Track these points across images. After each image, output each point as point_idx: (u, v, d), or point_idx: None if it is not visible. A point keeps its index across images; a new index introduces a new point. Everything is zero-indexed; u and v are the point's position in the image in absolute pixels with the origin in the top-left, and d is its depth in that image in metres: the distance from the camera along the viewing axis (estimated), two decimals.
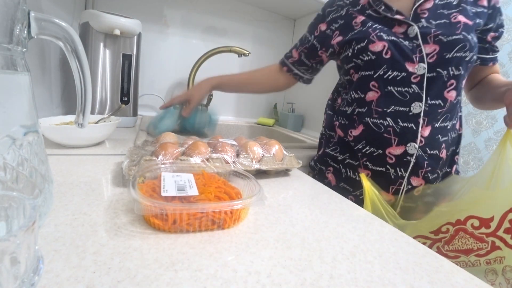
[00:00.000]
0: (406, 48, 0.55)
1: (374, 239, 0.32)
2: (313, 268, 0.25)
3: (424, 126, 0.55)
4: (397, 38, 0.56)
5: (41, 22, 0.25)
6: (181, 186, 0.32)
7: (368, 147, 0.59)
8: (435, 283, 0.26)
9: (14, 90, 0.23)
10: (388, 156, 0.57)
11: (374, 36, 0.56)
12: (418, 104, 0.54)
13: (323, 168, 0.69)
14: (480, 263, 0.46)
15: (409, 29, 0.56)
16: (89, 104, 0.32)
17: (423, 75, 0.54)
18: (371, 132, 0.58)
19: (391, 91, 0.56)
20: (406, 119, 0.55)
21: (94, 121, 0.62)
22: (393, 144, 0.56)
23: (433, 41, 0.54)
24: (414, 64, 0.54)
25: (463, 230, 0.47)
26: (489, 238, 0.45)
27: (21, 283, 0.16)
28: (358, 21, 0.61)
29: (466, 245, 0.47)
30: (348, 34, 0.62)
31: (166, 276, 0.22)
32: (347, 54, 0.62)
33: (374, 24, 0.58)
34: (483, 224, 0.46)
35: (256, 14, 1.25)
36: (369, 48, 0.57)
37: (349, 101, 0.63)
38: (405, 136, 0.55)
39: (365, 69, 0.59)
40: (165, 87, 1.15)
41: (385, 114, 0.56)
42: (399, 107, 0.56)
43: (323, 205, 0.40)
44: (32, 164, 0.24)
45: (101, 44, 0.76)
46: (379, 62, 0.56)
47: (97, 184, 0.38)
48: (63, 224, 0.27)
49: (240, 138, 0.53)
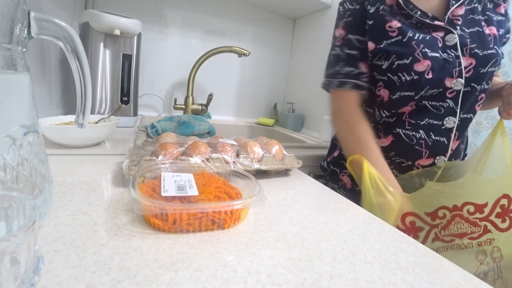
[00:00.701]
0: (446, 62, 0.51)
1: (374, 239, 0.32)
2: (313, 268, 0.25)
3: (455, 140, 0.55)
4: (437, 51, 0.51)
5: (41, 22, 0.25)
6: (181, 186, 0.32)
7: (398, 158, 0.57)
8: (435, 283, 0.26)
9: (14, 90, 0.23)
10: (416, 167, 0.56)
11: (419, 53, 0.51)
12: (452, 119, 0.53)
13: (336, 170, 0.66)
14: (472, 245, 0.49)
15: (447, 37, 0.52)
16: (89, 104, 0.32)
17: (459, 90, 0.52)
18: (402, 144, 0.56)
19: (425, 105, 0.54)
20: (438, 133, 0.54)
21: (94, 121, 0.62)
22: (423, 157, 0.55)
23: (469, 54, 0.51)
24: (452, 78, 0.52)
25: (459, 215, 0.49)
26: (482, 222, 0.48)
27: (21, 283, 0.16)
28: (393, 26, 0.53)
29: (461, 229, 0.49)
30: (383, 41, 0.54)
31: (166, 276, 0.22)
32: (380, 64, 0.55)
33: (414, 33, 0.52)
34: (477, 210, 0.48)
35: (256, 14, 1.25)
36: (413, 67, 0.51)
37: (376, 118, 0.59)
38: (436, 149, 0.54)
39: (405, 90, 0.53)
40: (165, 87, 1.15)
41: (418, 126, 0.54)
42: (433, 121, 0.54)
43: (323, 205, 0.40)
44: (32, 164, 0.24)
45: (101, 44, 0.76)
46: (421, 82, 0.52)
47: (97, 184, 0.38)
48: (63, 224, 0.27)
49: (240, 138, 0.53)
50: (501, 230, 0.47)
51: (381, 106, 0.58)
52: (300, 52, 1.31)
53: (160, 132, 0.70)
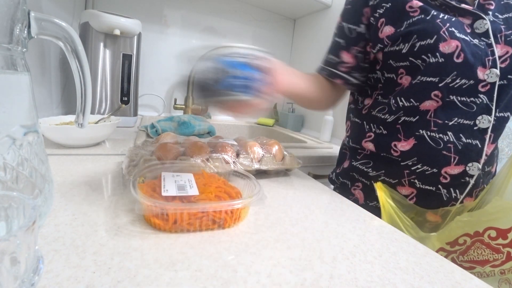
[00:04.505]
0: (478, 48, 0.44)
1: (374, 239, 0.32)
2: (313, 268, 0.25)
3: (490, 144, 0.46)
4: (467, 35, 0.45)
5: (41, 22, 0.25)
6: (182, 186, 0.32)
7: (420, 165, 0.48)
8: (435, 283, 0.26)
9: (14, 90, 0.23)
10: (442, 176, 0.47)
11: (445, 31, 0.44)
12: (487, 117, 0.45)
13: (347, 183, 0.59)
14: (495, 273, 0.45)
15: (477, 23, 0.45)
16: (89, 104, 0.32)
17: (494, 83, 0.44)
18: (426, 148, 0.48)
19: (453, 101, 0.46)
20: (470, 135, 0.46)
21: (94, 121, 0.62)
22: (452, 163, 0.46)
23: (505, 41, 0.44)
24: (485, 69, 0.44)
25: (479, 241, 0.45)
26: (505, 249, 0.44)
27: (21, 283, 0.16)
28: (414, 6, 0.47)
29: (482, 256, 0.45)
30: (403, 23, 0.48)
31: (166, 276, 0.22)
32: (399, 49, 0.48)
33: (438, 13, 0.45)
34: (500, 235, 0.44)
35: (256, 14, 1.25)
36: (438, 47, 0.44)
37: (392, 109, 0.50)
38: (467, 154, 0.46)
39: (428, 74, 0.46)
40: (165, 87, 1.15)
41: (446, 127, 0.46)
42: (463, 120, 0.46)
43: (323, 205, 0.40)
44: (32, 164, 0.24)
45: (101, 44, 0.76)
46: (447, 67, 0.45)
47: (97, 184, 0.38)
48: (63, 224, 0.27)
49: (240, 138, 0.53)
50: None
51: (399, 93, 0.50)
52: (300, 52, 1.31)
53: (160, 132, 0.70)
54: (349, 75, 0.56)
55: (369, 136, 0.54)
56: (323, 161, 0.80)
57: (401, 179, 0.51)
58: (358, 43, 0.55)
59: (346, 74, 0.56)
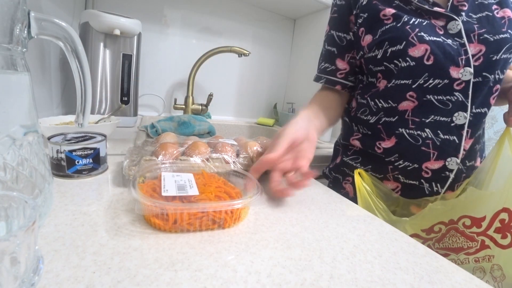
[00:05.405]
0: (451, 48, 0.46)
1: (374, 239, 0.32)
2: (313, 268, 0.25)
3: (468, 139, 0.48)
4: (439, 36, 0.47)
5: (41, 22, 0.25)
6: (182, 186, 0.32)
7: (402, 161, 0.51)
8: (435, 283, 0.26)
9: (14, 90, 0.23)
10: (424, 171, 0.50)
11: (414, 37, 0.47)
12: (463, 114, 0.47)
13: (339, 177, 0.62)
14: (469, 261, 0.46)
15: (450, 24, 0.47)
16: (89, 104, 0.32)
17: (468, 81, 0.46)
18: (406, 145, 0.50)
19: (430, 99, 0.48)
20: (447, 131, 0.48)
21: (94, 121, 0.62)
22: (431, 158, 0.49)
23: (478, 40, 0.46)
24: (459, 68, 0.46)
25: (454, 228, 0.47)
26: (479, 237, 0.46)
27: (21, 283, 0.16)
28: (387, 14, 0.50)
29: (456, 244, 0.47)
30: (378, 31, 0.51)
31: (166, 276, 0.22)
32: (375, 55, 0.52)
33: (410, 18, 0.48)
34: (474, 223, 0.46)
35: (256, 14, 1.25)
36: (407, 52, 0.47)
37: (373, 110, 0.54)
38: (445, 150, 0.49)
39: (401, 78, 0.50)
40: (165, 87, 1.15)
41: (424, 124, 0.49)
42: (440, 117, 0.48)
43: (323, 205, 0.40)
44: (32, 164, 0.24)
45: (101, 44, 0.76)
46: (419, 69, 0.48)
47: (97, 184, 0.38)
48: (63, 224, 0.27)
49: (240, 138, 0.53)
50: (501, 246, 0.44)
51: (375, 95, 0.54)
52: (300, 52, 1.31)
53: (160, 132, 0.70)
54: (346, 80, 0.61)
55: (356, 135, 0.58)
56: (322, 161, 0.80)
57: (386, 174, 0.54)
58: (351, 50, 0.59)
59: (344, 80, 0.60)
